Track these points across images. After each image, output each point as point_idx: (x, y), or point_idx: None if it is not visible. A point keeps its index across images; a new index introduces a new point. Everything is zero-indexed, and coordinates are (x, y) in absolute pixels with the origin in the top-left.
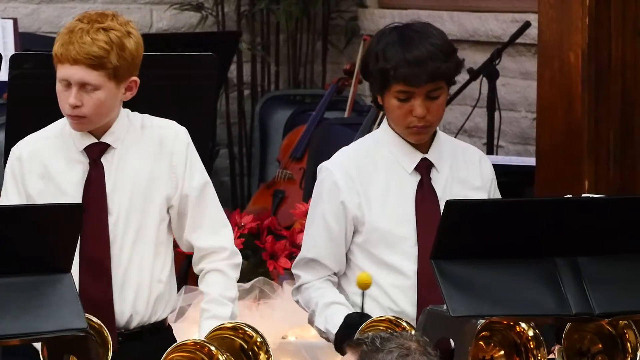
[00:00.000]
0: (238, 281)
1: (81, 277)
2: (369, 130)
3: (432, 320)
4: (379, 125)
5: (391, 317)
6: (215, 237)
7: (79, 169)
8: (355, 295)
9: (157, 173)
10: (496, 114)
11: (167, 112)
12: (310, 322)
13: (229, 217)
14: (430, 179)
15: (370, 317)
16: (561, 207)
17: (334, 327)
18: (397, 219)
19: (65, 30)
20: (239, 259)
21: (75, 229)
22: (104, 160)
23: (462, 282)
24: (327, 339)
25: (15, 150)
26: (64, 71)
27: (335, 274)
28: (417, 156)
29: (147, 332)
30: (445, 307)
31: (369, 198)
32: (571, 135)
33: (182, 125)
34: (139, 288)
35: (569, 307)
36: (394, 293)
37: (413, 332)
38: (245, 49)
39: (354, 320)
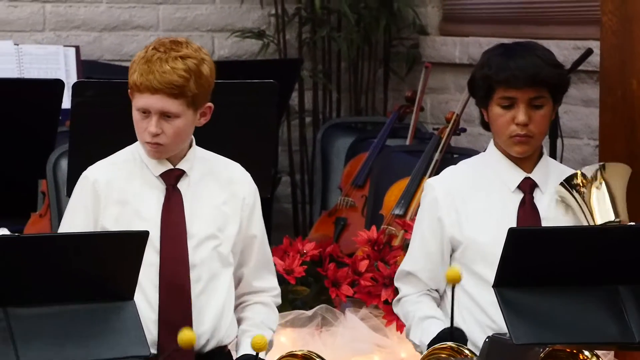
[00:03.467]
0: (301, 308)
1: (161, 300)
2: (431, 158)
3: (495, 347)
4: (441, 152)
5: (453, 345)
6: (269, 278)
7: (156, 195)
8: (457, 313)
9: (228, 207)
10: (558, 141)
11: (229, 139)
12: (407, 335)
13: (291, 245)
14: (532, 197)
15: (463, 332)
16: (623, 235)
17: (428, 340)
18: (497, 236)
19: (141, 59)
20: (280, 300)
21: (139, 257)
22: (180, 186)
23: (525, 310)
24: (422, 353)
25: (88, 175)
26: (143, 100)
27: (436, 290)
28: (521, 175)
29: (217, 356)
30: (508, 334)
31: (468, 215)
32: (633, 162)
33: (244, 152)
34: (216, 312)
35: (632, 335)
36: (492, 310)
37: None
38: (306, 77)
39: (446, 335)
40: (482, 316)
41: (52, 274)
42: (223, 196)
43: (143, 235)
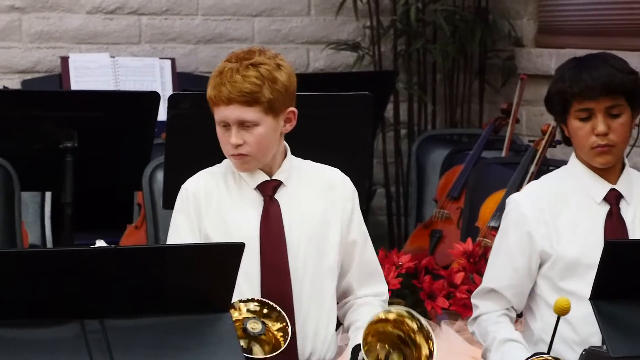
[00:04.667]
0: None
1: None
2: (527, 170)
3: None
4: (537, 164)
5: (549, 358)
6: (376, 284)
7: (254, 206)
8: (541, 332)
9: (328, 215)
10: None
11: (324, 152)
12: (484, 356)
13: (386, 257)
14: (619, 209)
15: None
16: None
17: None
18: (585, 248)
19: (215, 72)
20: (387, 306)
21: (235, 269)
22: (277, 196)
23: (621, 322)
24: None
25: (188, 187)
26: (220, 113)
27: (514, 308)
28: (606, 186)
29: None
30: (605, 347)
31: (557, 228)
32: None
33: (340, 164)
34: (318, 325)
35: None
36: (577, 324)
37: None
38: (401, 89)
39: None
40: (567, 331)
41: (148, 285)
42: (321, 204)
43: (239, 247)
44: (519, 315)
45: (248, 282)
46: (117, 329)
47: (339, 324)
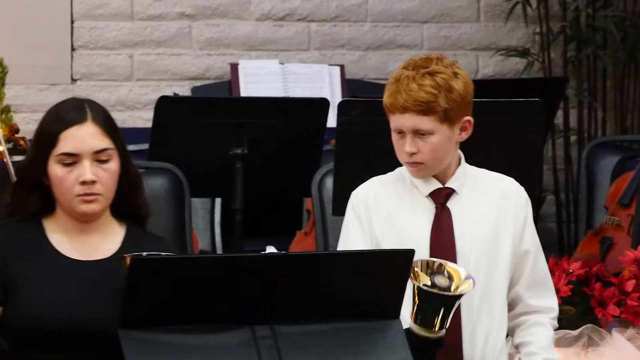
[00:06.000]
0: (566, 328)
1: None
2: None
3: None
4: None
5: None
6: (547, 296)
7: (425, 213)
8: None
9: (501, 224)
10: None
11: (494, 158)
12: None
13: (556, 264)
14: None
15: None
16: None
17: None
18: None
19: (392, 80)
20: (557, 323)
21: (405, 275)
22: (449, 204)
23: None
24: None
25: (358, 194)
26: (396, 121)
27: None
28: None
29: None
30: None
31: None
32: None
33: (509, 171)
34: (488, 334)
35: None
36: None
37: None
38: (571, 95)
39: None
40: None
41: (318, 291)
42: (494, 213)
43: (409, 253)
44: None
45: None
46: (287, 335)
47: None
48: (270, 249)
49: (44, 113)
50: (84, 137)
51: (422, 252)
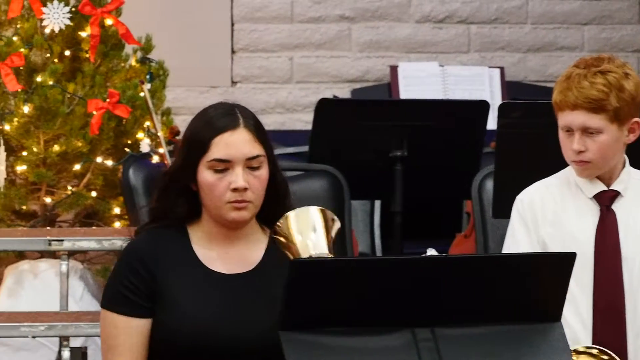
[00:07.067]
0: None
1: (595, 325)
2: None
3: None
4: None
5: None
6: None
7: (589, 216)
8: None
9: None
10: None
11: None
12: None
13: None
14: None
15: None
16: None
17: None
18: None
19: (562, 77)
20: None
21: (567, 279)
22: (614, 207)
23: None
24: None
25: (523, 198)
26: (564, 118)
27: None
28: None
29: None
30: None
31: None
32: None
33: None
34: None
35: None
36: None
37: None
38: None
39: None
40: None
41: (479, 294)
42: None
43: (570, 257)
44: None
45: (581, 292)
46: (448, 338)
47: None
48: (431, 252)
49: None
50: (236, 143)
51: (587, 255)
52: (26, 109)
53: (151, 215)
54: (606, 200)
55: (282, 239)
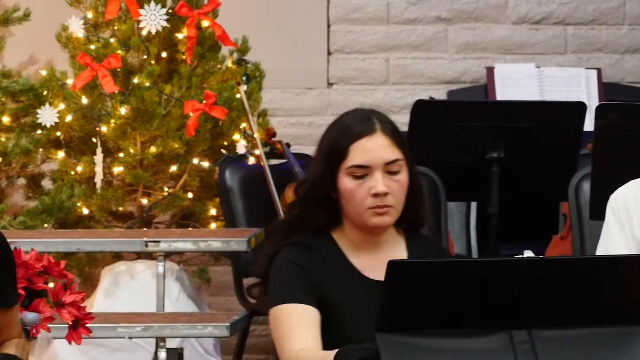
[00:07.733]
0: None
1: None
2: None
3: None
4: None
5: None
6: None
7: None
8: None
9: None
10: None
11: None
12: None
13: None
14: None
15: None
16: None
17: None
18: None
19: None
20: None
21: None
22: None
23: None
24: None
25: (617, 197)
26: None
27: None
28: None
29: None
30: None
31: None
32: None
33: None
34: None
35: None
36: None
37: None
38: None
39: None
40: None
41: (576, 296)
42: None
43: None
44: None
45: None
46: (545, 340)
47: None
48: (528, 254)
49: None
50: (374, 148)
51: None
52: (123, 110)
53: (285, 227)
54: None
55: None
